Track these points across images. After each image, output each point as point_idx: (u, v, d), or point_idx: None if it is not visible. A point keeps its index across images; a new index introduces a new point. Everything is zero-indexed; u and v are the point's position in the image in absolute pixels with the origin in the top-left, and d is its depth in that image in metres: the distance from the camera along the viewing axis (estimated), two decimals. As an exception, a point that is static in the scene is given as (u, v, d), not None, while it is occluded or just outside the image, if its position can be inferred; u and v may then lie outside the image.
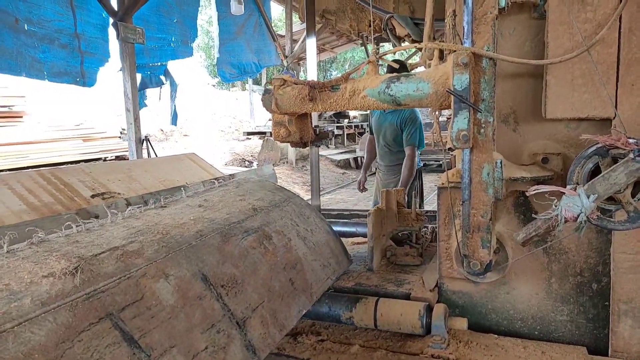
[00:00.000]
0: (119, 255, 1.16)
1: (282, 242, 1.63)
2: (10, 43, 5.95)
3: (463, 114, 1.36)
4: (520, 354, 1.55)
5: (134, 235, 1.29)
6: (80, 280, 1.02)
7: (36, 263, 1.04)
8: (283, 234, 1.67)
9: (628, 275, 1.52)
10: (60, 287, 0.98)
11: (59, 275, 1.01)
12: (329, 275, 1.72)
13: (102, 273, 1.07)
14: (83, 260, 1.08)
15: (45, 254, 1.10)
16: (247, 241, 1.50)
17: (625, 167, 1.20)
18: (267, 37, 11.15)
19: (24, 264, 1.04)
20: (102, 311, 0.99)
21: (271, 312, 1.38)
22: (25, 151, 9.27)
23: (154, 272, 1.16)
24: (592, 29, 1.44)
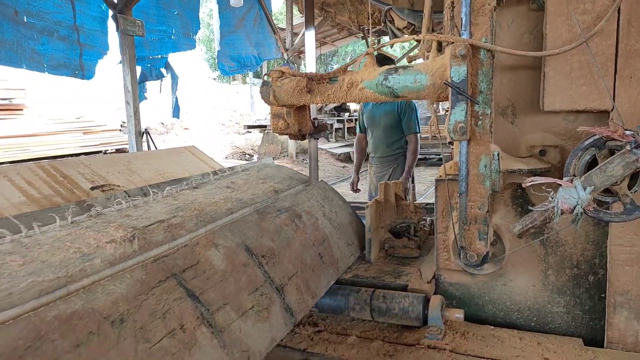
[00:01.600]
0: (166, 227, 1.35)
1: (310, 221, 1.85)
2: (10, 35, 5.93)
3: (460, 106, 1.36)
4: (516, 345, 1.56)
5: (175, 211, 1.49)
6: (137, 246, 1.21)
7: (98, 232, 1.22)
8: (311, 214, 1.91)
9: (624, 267, 1.52)
10: (122, 251, 1.17)
11: (120, 242, 1.20)
12: (352, 252, 1.95)
13: (154, 241, 1.26)
14: (137, 230, 1.27)
15: (104, 225, 1.28)
16: (280, 219, 1.71)
17: (622, 159, 1.21)
18: (268, 30, 11.10)
19: (88, 232, 1.22)
20: (167, 272, 1.19)
21: (304, 281, 1.57)
22: (25, 144, 9.28)
23: (205, 242, 1.37)
24: (591, 21, 1.43)
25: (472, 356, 1.51)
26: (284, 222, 1.71)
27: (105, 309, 0.99)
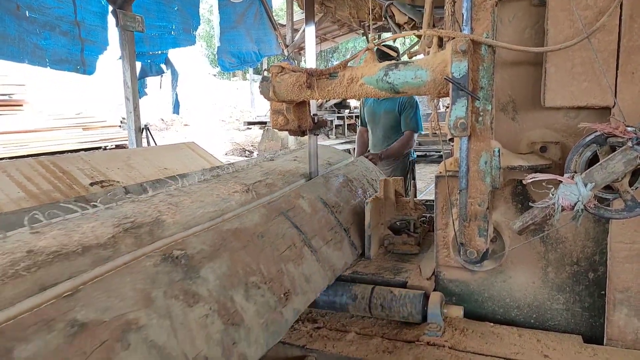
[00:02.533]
0: (265, 184, 1.87)
1: (359, 185, 2.46)
2: (12, 29, 5.93)
3: (461, 101, 1.35)
4: (515, 342, 1.56)
5: (265, 175, 2.02)
6: (253, 195, 1.73)
7: (225, 186, 1.75)
8: (359, 180, 2.50)
9: (624, 264, 1.52)
10: (246, 197, 1.69)
11: (241, 192, 1.72)
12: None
13: (262, 192, 1.79)
14: (247, 185, 1.79)
15: (225, 182, 1.81)
16: (338, 182, 2.29)
17: (623, 155, 1.20)
18: (268, 26, 11.08)
19: (218, 186, 1.75)
20: (278, 210, 1.71)
21: (359, 228, 2.13)
22: (25, 140, 9.27)
23: (294, 194, 1.92)
24: (593, 16, 1.42)
25: (471, 353, 1.51)
26: (341, 185, 2.28)
27: (251, 228, 1.51)
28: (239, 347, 1.14)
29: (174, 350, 0.98)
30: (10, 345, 0.77)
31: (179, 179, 1.80)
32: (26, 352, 0.78)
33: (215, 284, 1.21)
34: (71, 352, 0.82)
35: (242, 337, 1.17)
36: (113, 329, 0.91)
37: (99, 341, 0.87)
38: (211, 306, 1.14)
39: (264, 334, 1.24)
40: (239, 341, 1.15)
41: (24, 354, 0.77)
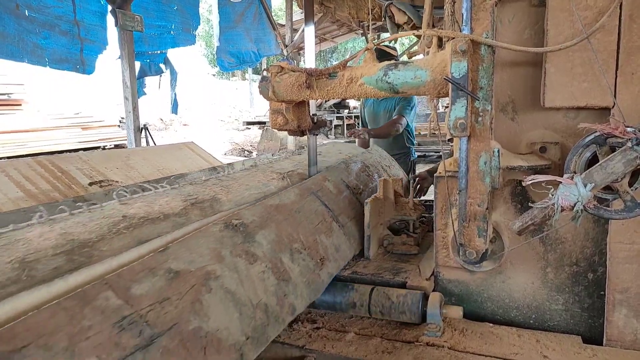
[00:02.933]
0: (296, 173, 2.22)
1: (375, 170, 2.76)
2: (12, 29, 5.91)
3: (461, 102, 1.35)
4: (514, 342, 1.56)
5: (296, 165, 2.41)
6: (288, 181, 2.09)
7: (263, 174, 2.10)
8: (374, 166, 2.78)
9: (624, 265, 1.52)
10: (282, 183, 2.04)
11: (278, 179, 2.07)
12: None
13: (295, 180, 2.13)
14: (282, 174, 2.13)
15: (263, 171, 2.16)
16: (357, 167, 2.59)
17: (623, 155, 1.20)
18: (267, 26, 11.06)
19: (257, 173, 2.09)
20: (310, 191, 1.98)
21: None
22: (23, 139, 9.26)
23: (322, 178, 2.19)
24: (593, 17, 1.42)
25: (470, 353, 1.51)
26: (360, 170, 2.58)
27: (289, 205, 1.76)
28: (289, 299, 1.40)
29: (242, 296, 1.23)
30: (129, 285, 1.02)
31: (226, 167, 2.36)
32: (140, 290, 1.03)
33: (268, 248, 1.47)
34: (171, 292, 1.07)
35: (291, 290, 1.43)
36: (198, 277, 1.16)
37: (190, 285, 1.13)
38: (266, 264, 1.40)
39: (306, 290, 1.50)
40: (289, 294, 1.41)
41: (139, 291, 1.02)
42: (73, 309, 0.89)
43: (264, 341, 1.22)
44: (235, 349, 1.11)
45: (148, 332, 0.96)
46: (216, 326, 1.10)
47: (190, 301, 1.09)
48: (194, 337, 1.04)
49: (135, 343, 0.92)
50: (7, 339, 0.78)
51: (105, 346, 0.88)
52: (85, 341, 0.86)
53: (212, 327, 1.09)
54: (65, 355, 0.82)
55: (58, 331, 0.84)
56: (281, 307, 1.34)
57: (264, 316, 1.26)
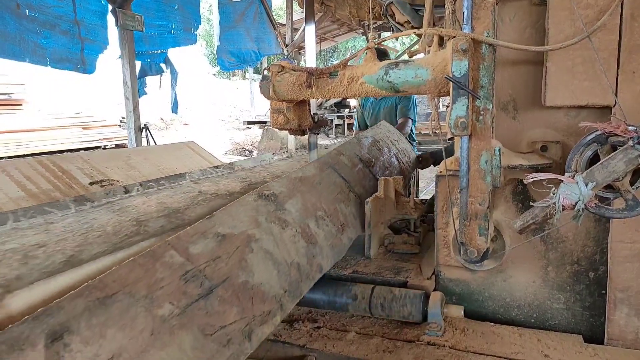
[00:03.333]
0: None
1: (385, 145, 2.89)
2: (13, 28, 5.92)
3: (462, 101, 1.35)
4: (516, 342, 1.56)
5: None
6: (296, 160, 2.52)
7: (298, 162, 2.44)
8: (384, 141, 2.93)
9: (625, 263, 1.52)
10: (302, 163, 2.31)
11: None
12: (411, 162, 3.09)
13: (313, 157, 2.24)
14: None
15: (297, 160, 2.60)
16: (368, 142, 2.72)
17: (624, 154, 1.20)
18: (268, 26, 11.06)
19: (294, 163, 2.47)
20: (328, 165, 2.12)
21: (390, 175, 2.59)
22: (24, 139, 9.26)
23: (336, 152, 2.33)
24: (594, 15, 1.42)
25: (472, 353, 1.51)
26: (371, 144, 2.72)
27: (311, 177, 1.90)
28: (317, 259, 1.57)
29: (279, 256, 1.41)
30: (187, 245, 1.19)
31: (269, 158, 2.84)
32: (196, 250, 1.20)
33: (296, 215, 1.63)
34: (221, 252, 1.25)
35: (318, 252, 1.60)
36: (241, 239, 1.33)
37: (235, 246, 1.30)
38: (296, 229, 1.56)
39: (331, 252, 1.69)
40: (317, 255, 1.59)
41: (195, 251, 1.19)
42: (146, 264, 1.07)
43: (298, 294, 1.40)
44: (276, 300, 1.29)
45: (207, 283, 1.14)
46: (260, 281, 1.28)
47: (237, 259, 1.27)
48: (244, 289, 1.22)
49: (198, 292, 1.10)
50: (100, 287, 0.96)
51: (176, 294, 1.06)
52: (160, 290, 1.04)
53: (257, 282, 1.27)
54: (146, 301, 1.00)
55: (138, 282, 1.02)
56: (311, 266, 1.53)
57: (297, 273, 1.44)
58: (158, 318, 0.99)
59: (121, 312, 0.95)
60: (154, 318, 0.99)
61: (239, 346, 1.12)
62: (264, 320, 1.22)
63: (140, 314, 0.97)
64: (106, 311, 0.93)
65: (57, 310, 0.88)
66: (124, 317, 0.95)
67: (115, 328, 0.92)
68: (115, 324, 0.93)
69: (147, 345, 0.94)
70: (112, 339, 0.90)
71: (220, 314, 1.12)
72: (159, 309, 1.01)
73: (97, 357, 0.87)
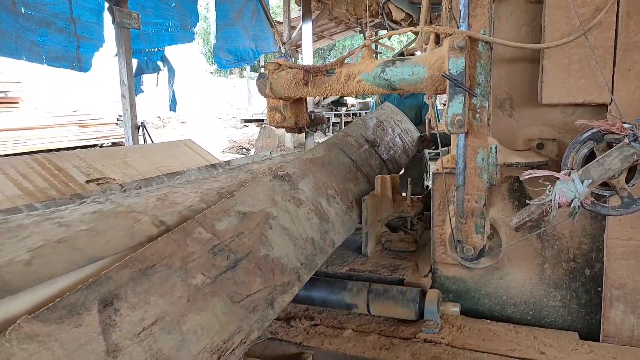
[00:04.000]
0: None
1: (389, 125, 2.94)
2: (9, 26, 5.87)
3: (458, 98, 1.35)
4: (512, 339, 1.56)
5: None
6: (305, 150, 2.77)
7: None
8: (388, 122, 2.98)
9: (621, 261, 1.52)
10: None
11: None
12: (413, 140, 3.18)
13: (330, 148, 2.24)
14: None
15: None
16: (373, 123, 2.78)
17: (620, 152, 1.20)
18: (265, 23, 11.01)
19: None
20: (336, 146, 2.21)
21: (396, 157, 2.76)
22: (21, 137, 9.21)
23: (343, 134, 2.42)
24: (590, 13, 1.42)
25: (468, 350, 1.51)
26: (375, 125, 2.78)
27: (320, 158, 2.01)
28: (329, 235, 1.68)
29: (295, 232, 1.52)
30: (213, 223, 1.30)
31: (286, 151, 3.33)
32: (221, 226, 1.32)
33: (309, 193, 1.73)
34: (243, 228, 1.36)
35: (330, 228, 1.71)
36: (261, 217, 1.45)
37: (255, 223, 1.41)
38: (310, 207, 1.67)
39: (342, 228, 1.81)
40: (329, 231, 1.69)
41: (221, 227, 1.31)
42: (179, 240, 1.18)
43: (314, 267, 1.51)
44: (294, 272, 1.40)
45: (233, 257, 1.25)
46: (279, 254, 1.39)
47: (258, 235, 1.38)
48: (265, 262, 1.33)
49: (226, 264, 1.22)
50: (141, 260, 1.07)
51: (206, 266, 1.17)
52: (192, 262, 1.15)
53: (276, 255, 1.38)
54: (181, 272, 1.11)
55: (173, 255, 1.13)
56: (324, 241, 1.63)
57: (312, 248, 1.55)
58: (193, 287, 1.11)
59: (161, 281, 1.06)
60: (189, 287, 1.10)
61: (263, 312, 1.22)
62: (284, 290, 1.33)
63: (178, 283, 1.09)
64: (148, 280, 1.04)
65: (106, 280, 0.98)
66: (164, 286, 1.06)
67: (157, 295, 1.03)
68: (156, 292, 1.04)
69: (185, 310, 1.06)
70: (155, 305, 1.01)
71: (245, 283, 1.23)
72: (192, 279, 1.12)
73: (144, 320, 0.97)
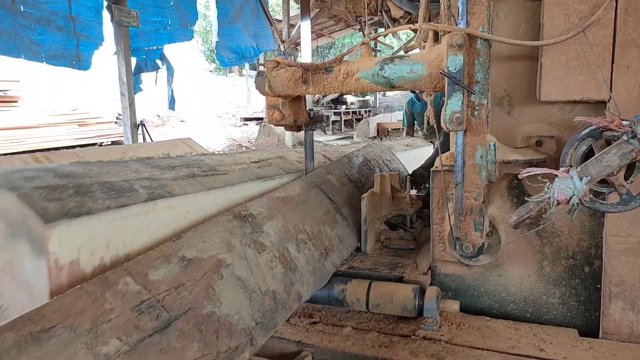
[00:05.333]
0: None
1: (376, 164, 2.85)
2: (8, 25, 5.87)
3: (457, 96, 1.35)
4: (511, 336, 1.57)
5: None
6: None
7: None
8: (375, 160, 2.89)
9: (620, 257, 1.52)
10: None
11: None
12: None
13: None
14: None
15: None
16: (359, 161, 2.68)
17: (619, 149, 1.20)
18: (265, 22, 11.00)
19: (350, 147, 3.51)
20: (314, 184, 2.04)
21: None
22: (20, 136, 9.21)
23: (325, 171, 2.25)
24: (588, 10, 1.42)
25: (467, 347, 1.51)
26: (361, 164, 2.67)
27: (294, 197, 1.82)
28: (295, 287, 1.47)
29: (252, 283, 1.31)
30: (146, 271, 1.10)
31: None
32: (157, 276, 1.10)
33: (275, 238, 1.54)
34: (185, 278, 1.16)
35: (297, 279, 1.50)
36: (210, 264, 1.24)
37: (203, 272, 1.21)
38: (274, 254, 1.47)
39: (312, 279, 1.58)
40: (295, 282, 1.48)
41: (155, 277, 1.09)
42: (95, 293, 0.98)
43: (272, 326, 1.29)
44: (246, 333, 1.19)
45: (165, 315, 1.04)
46: (228, 311, 1.18)
47: (204, 287, 1.17)
48: (208, 321, 1.11)
49: (154, 326, 1.00)
50: (37, 319, 0.85)
51: (126, 328, 0.95)
52: (107, 323, 0.94)
53: (225, 312, 1.17)
54: (89, 336, 0.89)
55: (83, 313, 0.92)
56: (288, 295, 1.42)
57: (272, 303, 1.34)
58: (101, 357, 0.87)
59: (58, 349, 0.83)
60: (96, 357, 0.87)
61: None
62: (230, 357, 1.10)
63: (81, 351, 0.85)
64: (39, 348, 0.81)
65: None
66: (60, 356, 0.83)
67: None
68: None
69: None
70: None
71: (177, 350, 1.00)
72: (103, 346, 0.89)
73: None
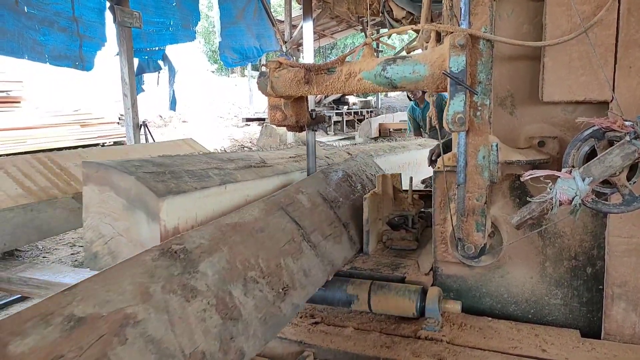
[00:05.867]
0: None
1: (359, 180, 2.53)
2: (11, 25, 5.90)
3: (459, 96, 1.35)
4: (513, 337, 1.56)
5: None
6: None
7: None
8: (358, 176, 2.57)
9: (622, 258, 1.52)
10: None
11: None
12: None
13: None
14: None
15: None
16: (338, 177, 2.34)
17: (621, 149, 1.20)
18: (267, 22, 11.03)
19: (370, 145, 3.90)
20: (277, 206, 1.75)
21: (358, 222, 2.13)
22: (22, 137, 9.23)
23: (294, 190, 1.96)
24: (591, 11, 1.42)
25: (469, 348, 1.51)
26: (341, 180, 2.33)
27: (250, 223, 1.54)
28: (236, 342, 1.14)
29: (171, 344, 0.99)
30: (7, 340, 0.78)
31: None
32: (22, 347, 0.78)
33: (214, 279, 1.22)
34: (68, 347, 0.83)
35: (240, 331, 1.17)
36: (111, 323, 0.92)
37: (97, 335, 0.88)
38: (209, 301, 1.15)
39: (262, 329, 1.24)
40: (237, 335, 1.15)
41: (19, 349, 0.78)
42: None
43: None
44: None
45: None
46: None
47: (94, 358, 0.85)
48: None
49: None
50: None
51: None
52: None
53: None
54: None
55: None
56: (225, 354, 1.09)
57: None
58: None
59: None
60: None
61: None
62: None
63: None
64: None
65: None
66: None
67: None
68: None
69: None
70: None
71: None
72: None
73: None
